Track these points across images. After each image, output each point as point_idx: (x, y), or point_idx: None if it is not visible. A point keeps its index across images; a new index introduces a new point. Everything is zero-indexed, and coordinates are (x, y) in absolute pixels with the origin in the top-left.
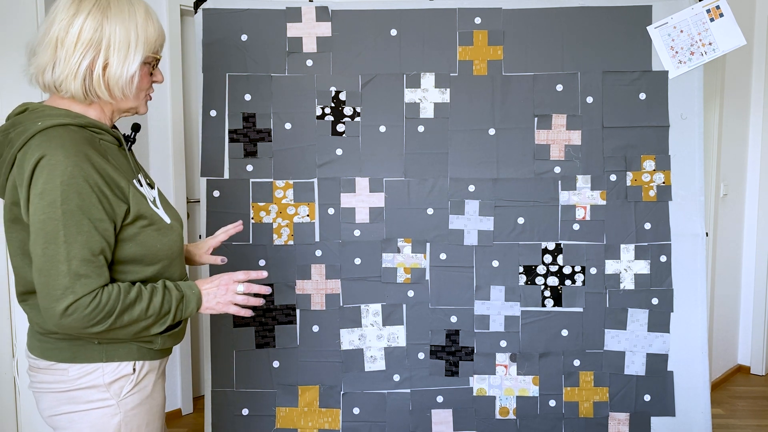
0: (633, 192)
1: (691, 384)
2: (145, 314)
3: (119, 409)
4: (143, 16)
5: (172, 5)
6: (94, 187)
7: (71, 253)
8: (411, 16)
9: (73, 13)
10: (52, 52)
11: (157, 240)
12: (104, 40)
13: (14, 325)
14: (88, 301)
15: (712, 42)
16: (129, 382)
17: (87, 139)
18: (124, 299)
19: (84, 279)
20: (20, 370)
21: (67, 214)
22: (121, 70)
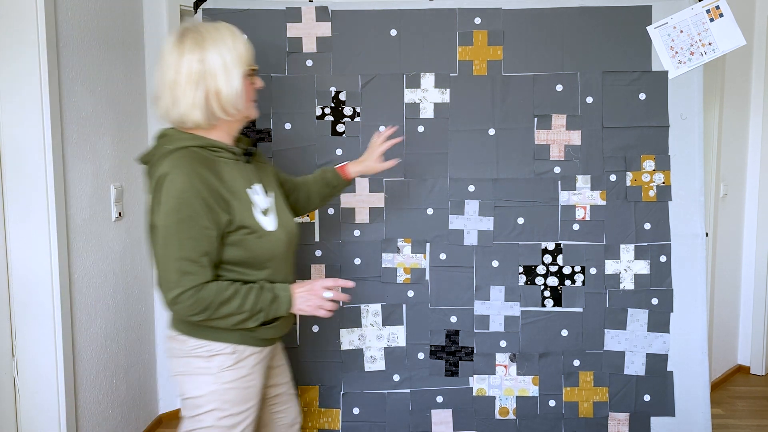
0: (633, 192)
1: (691, 384)
2: (239, 309)
3: (216, 380)
4: (231, 38)
5: (172, 5)
6: (202, 201)
7: (181, 254)
8: (411, 16)
9: (177, 56)
10: (170, 94)
11: (258, 245)
12: (208, 71)
13: (14, 325)
14: (191, 294)
15: (712, 42)
16: (229, 359)
17: (203, 159)
18: (221, 295)
19: (189, 275)
20: (20, 370)
21: (180, 222)
22: (229, 90)
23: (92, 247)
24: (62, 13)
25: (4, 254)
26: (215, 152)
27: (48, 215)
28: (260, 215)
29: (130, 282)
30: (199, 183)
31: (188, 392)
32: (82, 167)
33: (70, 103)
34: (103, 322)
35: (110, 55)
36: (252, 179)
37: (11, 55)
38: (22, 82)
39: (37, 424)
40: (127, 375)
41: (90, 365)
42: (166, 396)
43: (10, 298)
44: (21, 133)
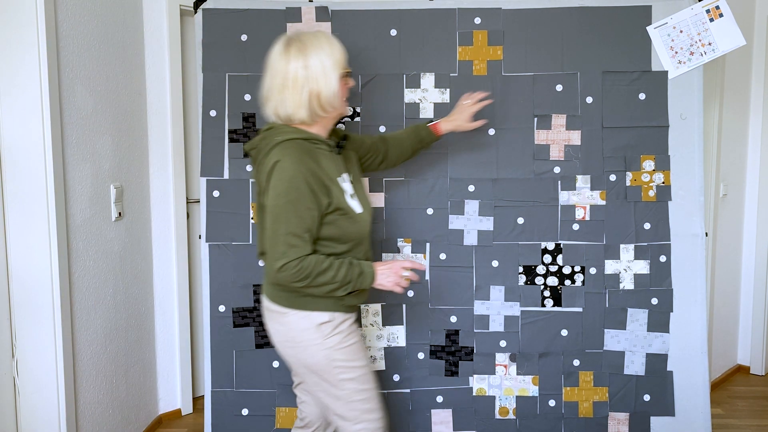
0: (633, 192)
1: (690, 384)
2: (333, 280)
3: (323, 346)
4: (328, 44)
5: (172, 5)
6: (307, 186)
7: (288, 229)
8: (411, 16)
9: (284, 63)
10: (279, 95)
11: (348, 225)
12: (311, 75)
13: (14, 325)
14: (296, 263)
15: (712, 42)
16: (328, 327)
17: (307, 150)
18: (319, 266)
19: (294, 248)
20: (20, 370)
21: (288, 203)
22: (328, 91)
23: (92, 247)
24: (62, 13)
25: (4, 254)
26: (314, 144)
27: (48, 215)
28: (350, 199)
29: (130, 282)
30: (305, 170)
31: (303, 360)
32: (82, 167)
33: (70, 103)
34: (103, 322)
35: (110, 55)
36: (341, 168)
37: (11, 55)
38: (22, 82)
39: (37, 424)
40: (127, 375)
41: (90, 365)
42: (166, 396)
43: (10, 298)
44: (21, 133)
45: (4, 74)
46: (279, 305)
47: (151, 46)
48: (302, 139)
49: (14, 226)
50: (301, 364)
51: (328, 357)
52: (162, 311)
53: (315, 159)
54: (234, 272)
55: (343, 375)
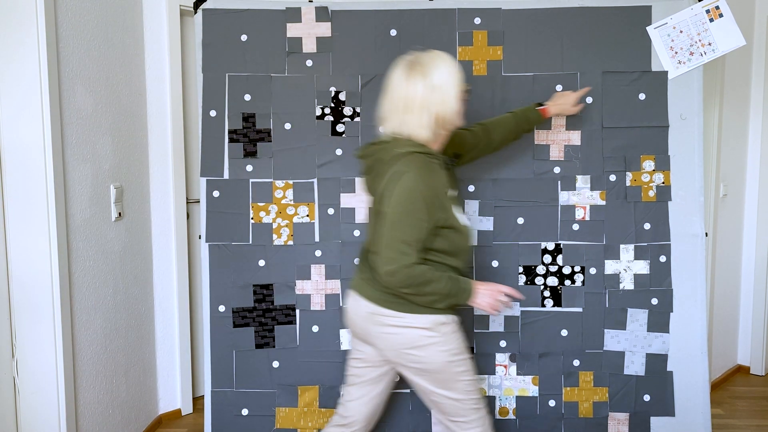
0: (632, 192)
1: (690, 384)
2: (436, 291)
3: (445, 343)
4: (447, 65)
5: (172, 5)
6: (424, 200)
7: (403, 237)
8: (411, 16)
9: (407, 85)
10: (401, 116)
11: (457, 238)
12: (435, 98)
13: (14, 325)
14: (405, 270)
15: (712, 42)
16: (449, 327)
17: (427, 164)
18: (426, 276)
19: (405, 255)
20: (20, 370)
21: (406, 213)
22: (451, 112)
23: (92, 247)
24: (62, 13)
25: (4, 254)
26: (432, 158)
27: (48, 215)
28: (460, 214)
29: (130, 282)
30: (425, 185)
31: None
32: (82, 167)
33: (70, 103)
34: (103, 322)
35: (110, 55)
36: (452, 183)
37: (11, 55)
38: (22, 82)
39: (37, 424)
40: (127, 375)
41: (90, 365)
42: (166, 396)
43: (10, 298)
44: (21, 134)
45: (4, 74)
46: (394, 311)
47: (151, 46)
48: (426, 154)
49: (14, 226)
50: (421, 366)
51: (448, 353)
52: (162, 311)
53: (433, 174)
54: (234, 272)
55: (460, 367)
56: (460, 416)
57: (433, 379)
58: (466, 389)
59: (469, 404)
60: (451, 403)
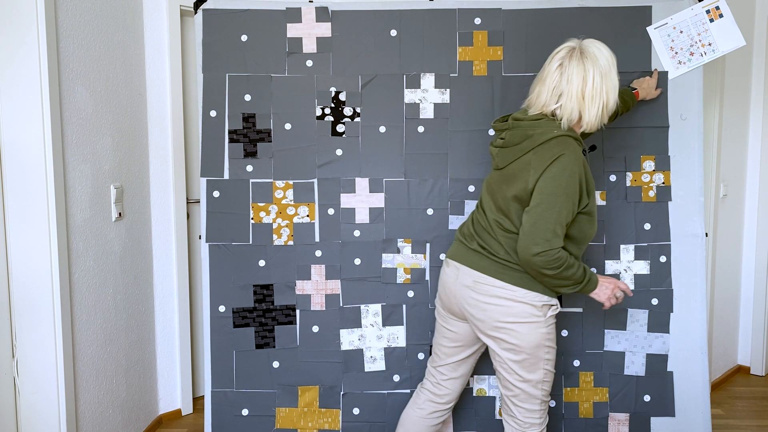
0: (633, 192)
1: (690, 384)
2: (573, 276)
3: (545, 324)
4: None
5: (172, 5)
6: (580, 184)
7: (558, 219)
8: (411, 16)
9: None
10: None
11: (588, 227)
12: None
13: (14, 325)
14: (555, 253)
15: (712, 43)
16: (554, 310)
17: (579, 149)
18: (567, 261)
19: (557, 238)
20: (20, 370)
21: (565, 194)
22: (614, 102)
23: (92, 247)
24: (62, 13)
25: (4, 254)
26: (579, 144)
27: (48, 215)
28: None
29: (130, 282)
30: (582, 169)
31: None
32: (82, 167)
33: (70, 103)
34: (103, 322)
35: (110, 56)
36: None
37: (11, 55)
38: (22, 82)
39: (37, 424)
40: (127, 375)
41: (90, 365)
42: (166, 396)
43: (10, 298)
44: (21, 134)
45: (4, 74)
46: (506, 282)
47: (151, 46)
48: (574, 138)
49: (14, 226)
50: (515, 341)
51: (544, 335)
52: (162, 311)
53: (586, 161)
54: (234, 272)
55: (548, 355)
56: (526, 403)
57: (520, 359)
58: (543, 379)
59: (539, 395)
60: (525, 387)
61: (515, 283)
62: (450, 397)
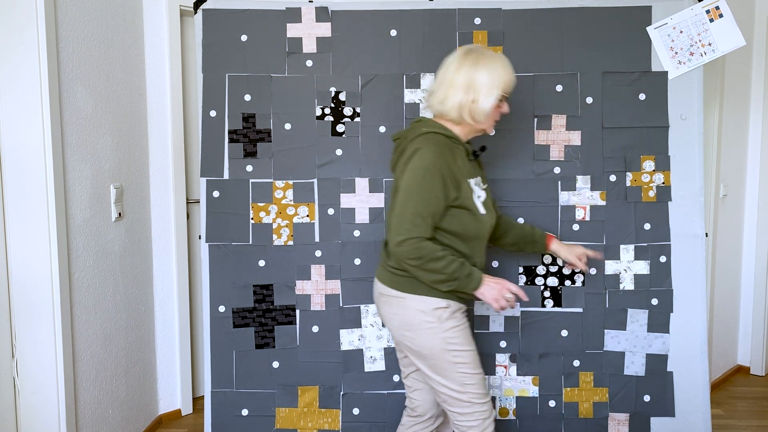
0: (633, 192)
1: (690, 384)
2: (443, 270)
3: (441, 329)
4: (501, 66)
5: (172, 5)
6: (441, 176)
7: (416, 209)
8: (411, 16)
9: (456, 67)
10: (444, 92)
11: (470, 222)
12: (475, 84)
13: (14, 325)
14: (416, 242)
15: (712, 43)
16: (446, 312)
17: (446, 144)
18: (435, 252)
19: (417, 227)
20: (20, 370)
21: (422, 186)
22: (484, 104)
23: (92, 247)
24: (62, 13)
25: (4, 254)
26: (453, 142)
27: (48, 215)
28: (477, 200)
29: (130, 282)
30: (442, 162)
31: (419, 345)
32: (82, 167)
33: (70, 103)
34: (103, 322)
35: (110, 55)
36: (474, 173)
37: (11, 55)
38: (22, 82)
39: (37, 424)
40: (127, 375)
41: (90, 365)
42: (166, 396)
43: (10, 298)
44: (21, 133)
45: (4, 74)
46: (397, 290)
47: (151, 46)
48: (444, 135)
49: (14, 226)
50: (416, 349)
51: (444, 340)
52: (162, 311)
53: (452, 154)
54: (234, 272)
55: (457, 359)
56: (455, 407)
57: (428, 365)
58: (463, 381)
59: (466, 397)
60: (447, 392)
61: (403, 289)
62: (422, 408)
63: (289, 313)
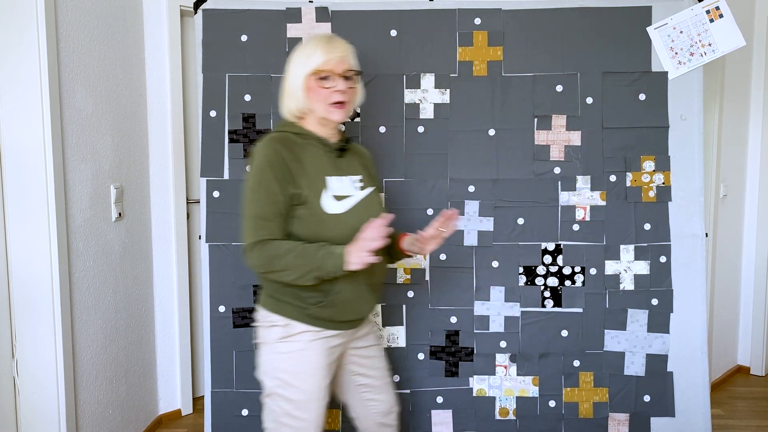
0: (633, 192)
1: (690, 384)
2: (292, 264)
3: (272, 350)
4: (313, 44)
5: (172, 5)
6: (273, 172)
7: (255, 212)
8: (411, 16)
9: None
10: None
11: (315, 225)
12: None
13: (14, 325)
14: (259, 245)
15: (712, 43)
16: (280, 331)
17: (288, 141)
18: (279, 249)
19: (257, 231)
20: (20, 370)
21: (257, 186)
22: (291, 86)
23: (92, 247)
24: (62, 13)
25: (4, 254)
26: (304, 138)
27: (48, 215)
28: (328, 199)
29: (130, 282)
30: (275, 158)
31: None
32: (82, 167)
33: (70, 103)
34: (103, 322)
35: (110, 55)
36: (343, 170)
37: (11, 55)
38: (22, 82)
39: (37, 424)
40: (127, 375)
41: (90, 365)
42: (166, 396)
43: (10, 298)
44: (21, 134)
45: (4, 74)
46: (258, 304)
47: (151, 46)
48: (291, 132)
49: (14, 226)
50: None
51: (272, 362)
52: (162, 311)
53: (293, 150)
54: (234, 272)
55: (281, 390)
56: None
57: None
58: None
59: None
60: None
61: (260, 302)
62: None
63: None
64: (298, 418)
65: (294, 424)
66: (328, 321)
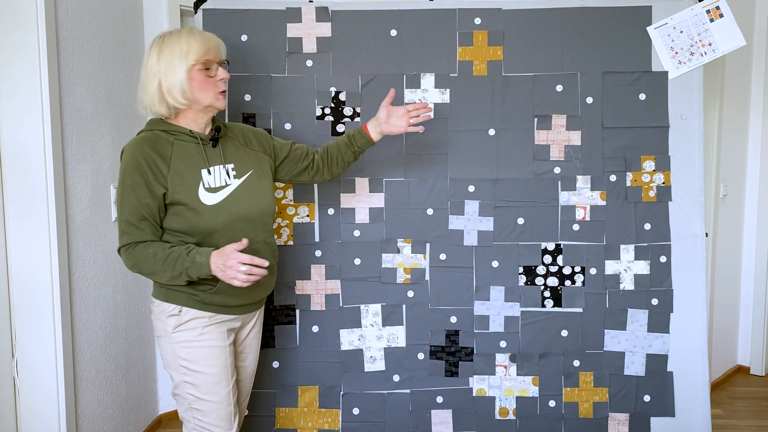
0: (633, 192)
1: (690, 384)
2: (161, 269)
3: (170, 340)
4: (186, 36)
5: (172, 5)
6: (141, 174)
7: (123, 216)
8: (411, 16)
9: (146, 59)
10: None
11: (193, 218)
12: (161, 68)
13: (14, 325)
14: (127, 249)
15: (712, 42)
16: (174, 320)
17: (155, 140)
18: (144, 254)
19: (126, 235)
20: (20, 370)
21: (123, 191)
22: (172, 81)
23: (92, 247)
24: (62, 13)
25: (4, 254)
26: (174, 135)
27: (48, 215)
28: (204, 192)
29: (130, 282)
30: (141, 158)
31: (161, 354)
32: (82, 167)
33: (70, 103)
34: (103, 322)
35: (110, 55)
36: (215, 161)
37: (11, 55)
38: (22, 82)
39: (37, 424)
40: (127, 375)
41: (90, 365)
42: (166, 396)
43: (10, 298)
44: (21, 133)
45: (4, 74)
46: (152, 296)
47: None
48: (159, 131)
49: (14, 226)
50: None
51: (173, 352)
52: None
53: (160, 149)
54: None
55: (186, 377)
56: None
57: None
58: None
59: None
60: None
61: (154, 294)
62: None
63: (288, 312)
64: (207, 401)
65: (203, 407)
66: (221, 306)
